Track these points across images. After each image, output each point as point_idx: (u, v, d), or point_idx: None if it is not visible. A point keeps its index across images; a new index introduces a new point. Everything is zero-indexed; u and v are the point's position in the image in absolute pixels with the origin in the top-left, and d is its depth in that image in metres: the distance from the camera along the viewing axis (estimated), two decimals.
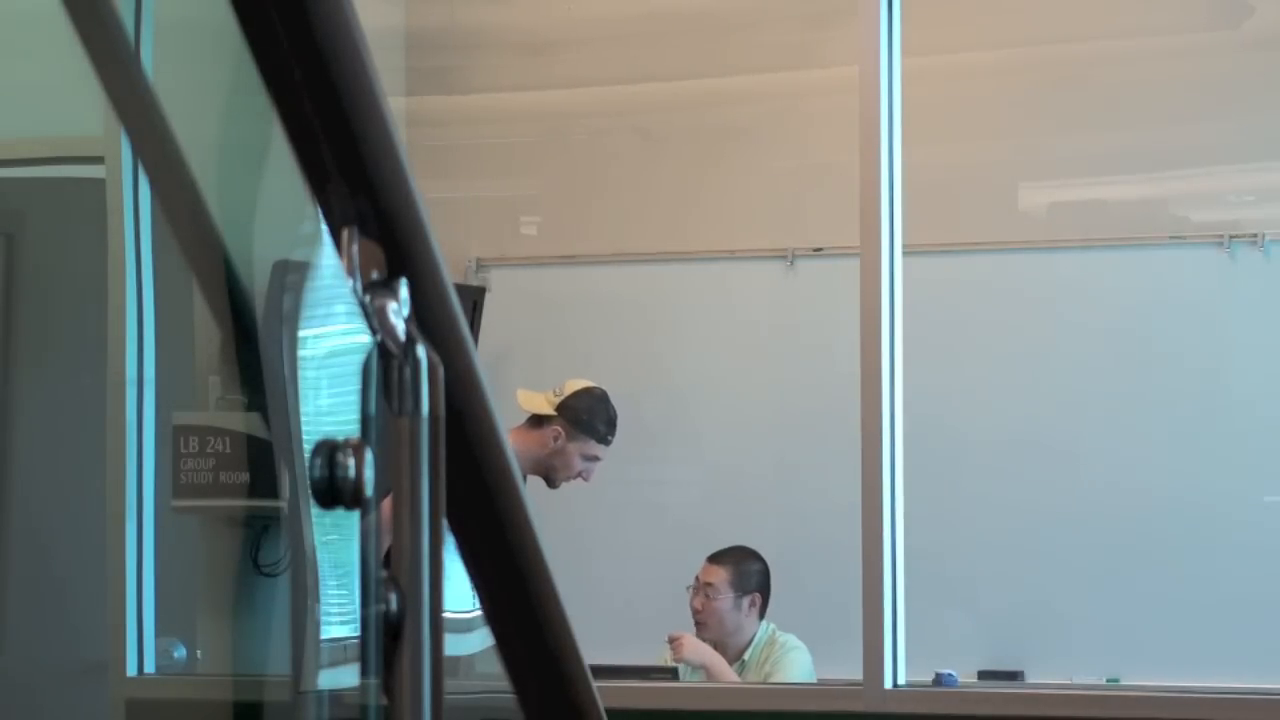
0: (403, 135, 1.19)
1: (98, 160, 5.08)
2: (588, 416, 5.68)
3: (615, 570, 6.77)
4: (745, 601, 5.97)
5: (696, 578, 6.03)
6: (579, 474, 5.68)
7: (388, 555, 1.20)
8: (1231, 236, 6.52)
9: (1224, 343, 6.51)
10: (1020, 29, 6.78)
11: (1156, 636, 6.42)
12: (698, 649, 5.85)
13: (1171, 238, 6.60)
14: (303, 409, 1.18)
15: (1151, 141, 6.76)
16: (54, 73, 3.47)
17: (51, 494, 5.61)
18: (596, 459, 5.71)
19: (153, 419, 5.02)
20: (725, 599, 5.96)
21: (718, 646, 5.94)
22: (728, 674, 5.84)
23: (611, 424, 5.74)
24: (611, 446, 5.79)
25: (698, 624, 5.98)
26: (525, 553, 1.38)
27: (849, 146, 4.87)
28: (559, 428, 5.65)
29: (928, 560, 5.36)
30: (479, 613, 1.40)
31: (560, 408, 5.68)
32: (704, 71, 7.02)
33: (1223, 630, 6.32)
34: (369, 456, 1.14)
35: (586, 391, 5.74)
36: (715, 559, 6.03)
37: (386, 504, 1.19)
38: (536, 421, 5.68)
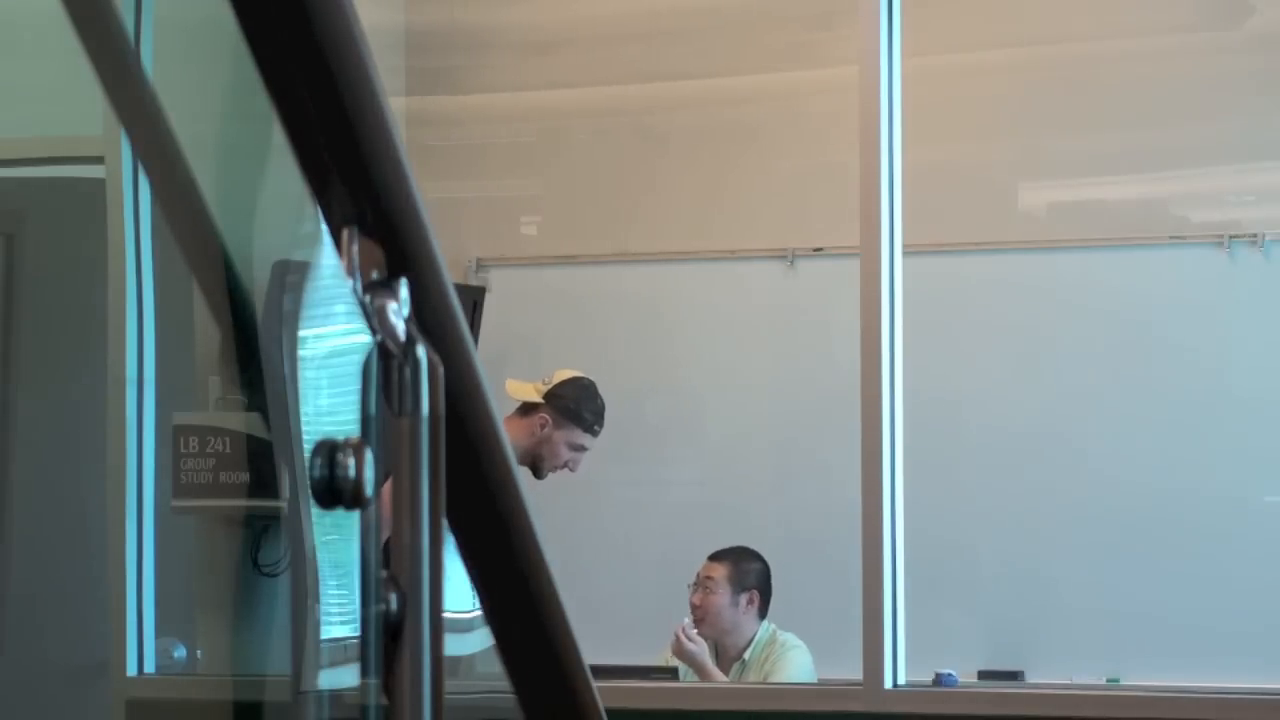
0: (403, 135, 1.19)
1: (98, 160, 5.08)
2: (575, 405, 5.66)
3: (615, 570, 6.77)
4: (743, 598, 5.98)
5: (697, 574, 6.05)
6: (565, 464, 5.65)
7: (386, 545, 1.20)
8: (1231, 236, 6.52)
9: (1224, 343, 6.51)
10: (1020, 29, 6.78)
11: (1156, 636, 6.42)
12: (692, 649, 5.85)
13: (1171, 238, 6.60)
14: (303, 409, 1.18)
15: (1151, 141, 6.76)
16: (54, 73, 3.47)
17: (52, 494, 5.61)
18: (583, 448, 5.68)
19: (153, 419, 5.02)
20: (723, 594, 5.98)
21: (716, 644, 5.96)
22: (717, 680, 5.84)
23: (598, 413, 5.72)
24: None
25: (696, 620, 5.99)
26: (525, 553, 1.38)
27: (849, 146, 4.87)
28: (546, 416, 5.63)
29: (928, 560, 5.36)
30: (479, 613, 1.40)
31: (548, 396, 5.66)
32: (705, 71, 7.02)
33: (1223, 630, 6.32)
34: (369, 456, 1.14)
35: (574, 380, 5.72)
36: (716, 556, 6.06)
37: (386, 491, 1.18)
38: (524, 410, 5.67)
